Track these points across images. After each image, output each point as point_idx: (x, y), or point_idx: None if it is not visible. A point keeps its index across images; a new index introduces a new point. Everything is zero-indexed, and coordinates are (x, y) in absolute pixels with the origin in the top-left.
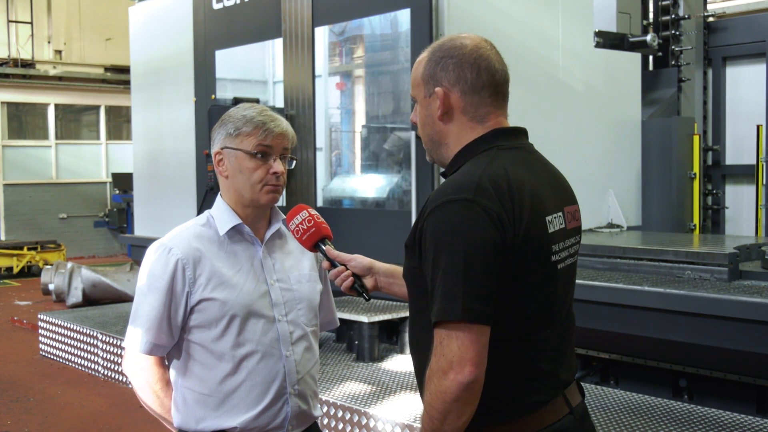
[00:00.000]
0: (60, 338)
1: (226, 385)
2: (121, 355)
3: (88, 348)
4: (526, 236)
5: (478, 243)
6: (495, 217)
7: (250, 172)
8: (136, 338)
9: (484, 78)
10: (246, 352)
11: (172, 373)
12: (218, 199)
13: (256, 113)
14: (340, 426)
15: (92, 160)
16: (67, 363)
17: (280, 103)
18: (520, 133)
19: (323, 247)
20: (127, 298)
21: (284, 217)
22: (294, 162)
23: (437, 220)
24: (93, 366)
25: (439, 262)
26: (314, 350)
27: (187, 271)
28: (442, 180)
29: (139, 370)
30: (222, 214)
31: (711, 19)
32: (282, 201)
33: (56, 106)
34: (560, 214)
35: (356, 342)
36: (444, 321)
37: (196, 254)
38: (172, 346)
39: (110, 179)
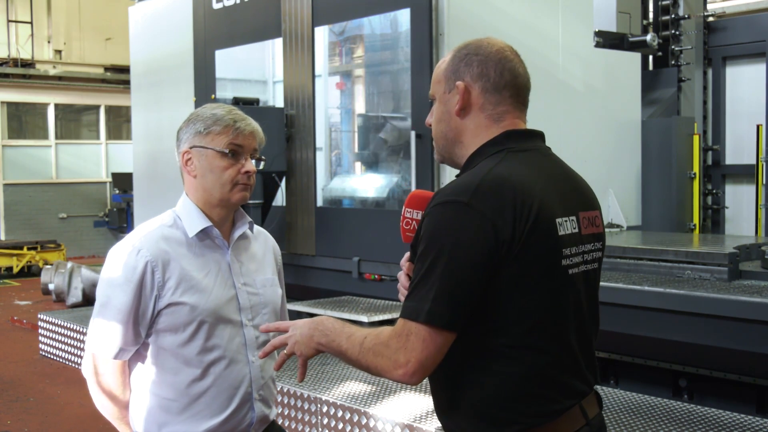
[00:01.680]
0: (60, 338)
1: (192, 390)
2: None
3: None
4: (529, 239)
5: (463, 247)
6: (488, 222)
7: (221, 171)
8: (99, 341)
9: (507, 78)
10: (214, 358)
11: (136, 377)
12: (184, 198)
13: (225, 112)
14: (340, 426)
15: (92, 160)
16: (66, 363)
17: (280, 103)
18: (535, 135)
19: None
20: None
21: (250, 219)
22: (262, 163)
23: (432, 219)
24: None
25: (424, 260)
26: (275, 355)
27: (156, 274)
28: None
29: (100, 373)
30: (190, 215)
31: (711, 18)
32: (281, 200)
33: (56, 105)
34: (573, 218)
35: None
36: (410, 319)
37: (165, 256)
38: (136, 349)
39: (110, 179)
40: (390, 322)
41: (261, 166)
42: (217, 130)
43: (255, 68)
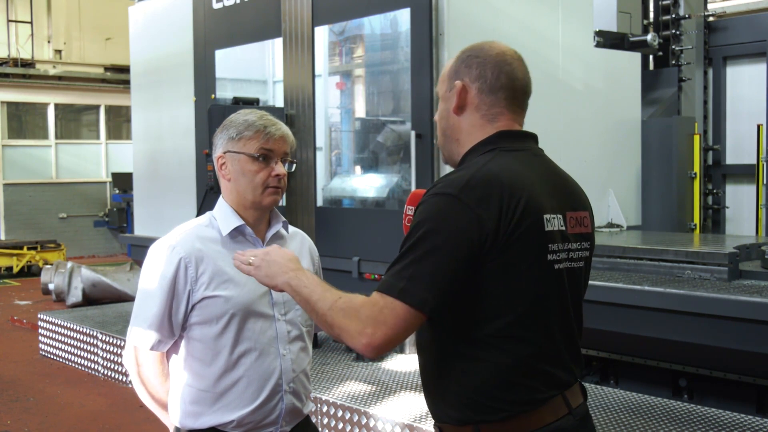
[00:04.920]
0: (60, 338)
1: (223, 381)
2: (121, 355)
3: (88, 348)
4: (516, 232)
5: (447, 236)
6: (474, 215)
7: (252, 174)
8: (138, 334)
9: (503, 80)
10: (244, 350)
11: (171, 369)
12: (220, 201)
13: (257, 118)
14: (340, 426)
15: (92, 160)
16: (66, 363)
17: (280, 103)
18: (527, 137)
19: None
20: (127, 298)
21: (284, 219)
22: (294, 165)
23: (423, 208)
24: (93, 366)
25: (407, 241)
26: (308, 350)
27: (190, 270)
28: None
29: (139, 364)
30: (224, 215)
31: (711, 18)
32: (281, 200)
33: (56, 105)
34: (560, 216)
35: None
36: (385, 293)
37: (199, 254)
38: (172, 342)
39: (110, 179)
40: None
41: (293, 169)
42: (249, 135)
43: (255, 68)
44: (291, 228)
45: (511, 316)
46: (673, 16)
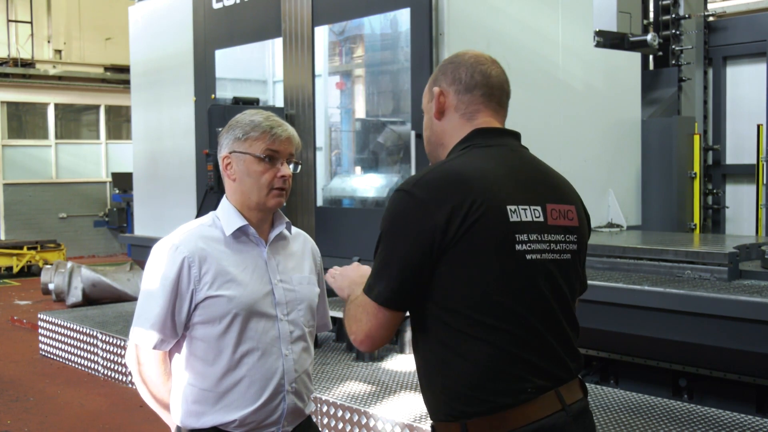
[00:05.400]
0: (60, 338)
1: (225, 381)
2: (121, 355)
3: (88, 348)
4: (475, 222)
5: (399, 232)
6: (423, 207)
7: (258, 175)
8: (140, 333)
9: (477, 78)
10: (247, 349)
11: (173, 369)
12: (224, 201)
13: (263, 119)
14: (340, 426)
15: (92, 160)
16: (66, 363)
17: (280, 103)
18: (505, 133)
19: None
20: (127, 298)
21: (288, 220)
22: (299, 167)
23: (386, 209)
24: (93, 366)
25: (378, 244)
26: (310, 350)
27: (193, 269)
28: None
29: (141, 363)
30: (228, 216)
31: (711, 18)
32: None
33: (56, 105)
34: (537, 208)
35: None
36: (364, 292)
37: (202, 253)
38: (175, 341)
39: (110, 179)
40: None
41: (298, 170)
42: (255, 136)
43: (255, 68)
44: (294, 229)
45: (484, 305)
46: (673, 16)
